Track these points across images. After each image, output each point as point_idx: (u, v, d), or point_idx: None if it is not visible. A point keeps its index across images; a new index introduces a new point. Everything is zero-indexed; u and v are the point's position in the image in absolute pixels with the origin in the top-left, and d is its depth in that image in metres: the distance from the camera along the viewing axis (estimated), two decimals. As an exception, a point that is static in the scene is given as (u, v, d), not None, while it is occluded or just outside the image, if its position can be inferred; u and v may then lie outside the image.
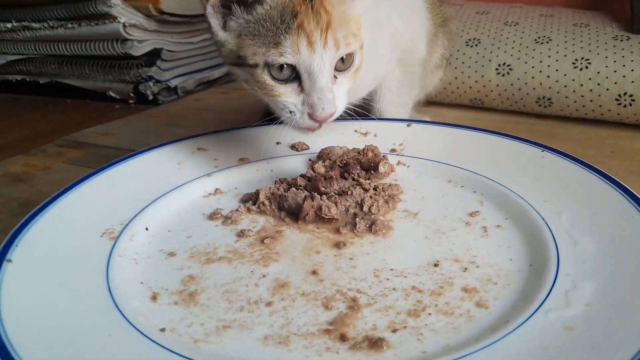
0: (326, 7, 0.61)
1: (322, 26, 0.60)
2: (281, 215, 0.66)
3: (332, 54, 0.62)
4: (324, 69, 0.62)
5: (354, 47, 0.64)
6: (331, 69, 0.63)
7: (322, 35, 0.61)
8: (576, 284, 0.49)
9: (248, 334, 0.47)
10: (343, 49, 0.62)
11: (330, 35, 0.61)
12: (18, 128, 1.24)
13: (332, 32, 0.61)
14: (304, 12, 0.60)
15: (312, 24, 0.60)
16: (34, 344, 0.43)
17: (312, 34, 0.60)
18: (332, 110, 0.64)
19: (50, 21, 1.32)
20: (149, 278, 0.55)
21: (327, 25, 0.61)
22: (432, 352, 0.44)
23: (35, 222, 0.59)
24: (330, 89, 0.63)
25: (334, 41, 0.61)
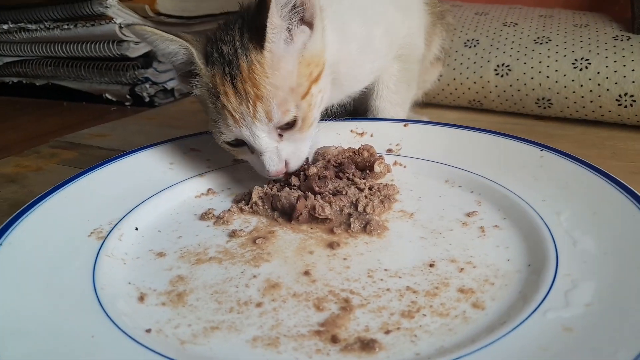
0: (255, 80, 0.60)
1: (250, 101, 0.60)
2: (274, 215, 0.65)
3: (265, 126, 0.61)
4: (259, 139, 0.62)
5: (292, 112, 0.62)
6: (270, 134, 0.62)
7: (250, 110, 0.60)
8: (576, 284, 0.47)
9: (237, 335, 0.46)
10: (278, 118, 0.61)
11: (260, 109, 0.60)
12: (14, 130, 1.23)
13: (263, 105, 0.60)
14: (224, 93, 0.61)
15: (233, 102, 0.60)
16: (15, 343, 0.42)
17: (236, 112, 0.61)
18: (279, 168, 0.64)
19: (46, 22, 1.31)
20: (137, 278, 0.54)
21: (255, 100, 0.60)
22: (426, 354, 0.42)
23: (22, 221, 0.58)
24: (274, 149, 0.63)
25: (265, 113, 0.60)
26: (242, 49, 0.61)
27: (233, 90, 0.60)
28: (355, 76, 0.77)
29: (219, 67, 0.61)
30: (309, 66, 0.63)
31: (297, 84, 0.62)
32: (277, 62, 0.60)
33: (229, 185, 0.72)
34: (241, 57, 0.60)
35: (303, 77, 0.63)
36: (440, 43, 0.96)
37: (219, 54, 0.62)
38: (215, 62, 0.62)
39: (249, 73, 0.60)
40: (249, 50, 0.60)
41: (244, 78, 0.60)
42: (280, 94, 0.60)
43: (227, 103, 0.61)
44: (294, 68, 0.62)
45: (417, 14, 0.85)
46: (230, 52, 0.61)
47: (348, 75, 0.74)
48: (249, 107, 0.60)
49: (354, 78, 0.77)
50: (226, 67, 0.61)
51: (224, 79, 0.61)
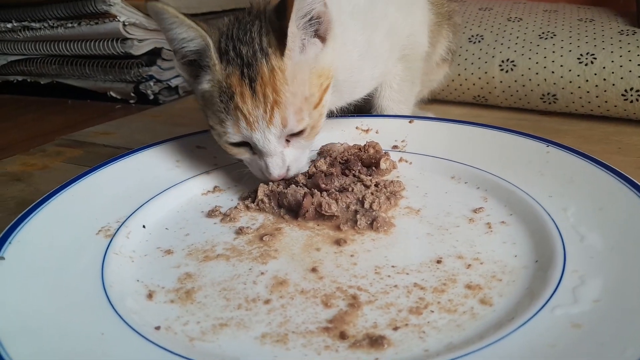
0: (275, 85, 0.60)
1: (268, 106, 0.60)
2: (281, 212, 0.65)
3: (278, 131, 0.61)
4: (269, 143, 0.62)
5: (306, 121, 0.62)
6: (280, 139, 0.62)
7: (267, 114, 0.60)
8: (584, 280, 0.47)
9: (245, 332, 0.46)
10: (293, 125, 0.61)
11: (277, 114, 0.60)
12: (19, 129, 1.23)
13: (279, 111, 0.60)
14: (240, 94, 0.60)
15: (249, 104, 0.60)
16: (25, 341, 0.42)
17: (250, 115, 0.60)
18: (281, 173, 0.65)
19: (50, 21, 1.31)
20: (145, 276, 0.54)
21: (273, 105, 0.60)
22: (435, 350, 0.43)
23: (31, 220, 0.58)
24: (280, 154, 0.64)
25: (282, 119, 0.60)
26: (261, 53, 0.60)
27: (250, 93, 0.60)
28: (354, 83, 0.76)
29: (236, 67, 0.61)
30: (320, 77, 0.64)
31: (310, 94, 0.62)
32: (295, 71, 0.61)
33: (236, 183, 0.72)
34: (261, 60, 0.60)
35: (315, 87, 0.63)
36: (447, 45, 0.94)
37: (236, 54, 0.61)
38: (231, 62, 0.61)
39: (269, 78, 0.60)
40: (269, 55, 0.60)
41: (264, 82, 0.60)
42: (297, 102, 0.61)
43: (242, 105, 0.60)
44: (307, 78, 0.62)
45: (420, 11, 0.84)
46: (250, 54, 0.60)
47: (346, 82, 0.74)
48: (266, 112, 0.60)
49: (353, 85, 0.76)
50: (245, 68, 0.60)
51: (242, 80, 0.60)
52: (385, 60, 0.80)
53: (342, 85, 0.73)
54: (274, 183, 0.68)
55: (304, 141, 0.65)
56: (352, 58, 0.72)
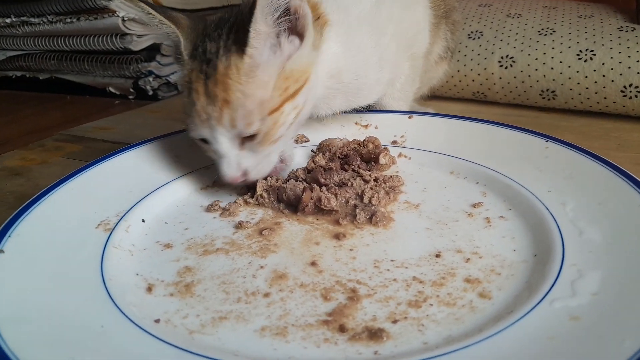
0: (227, 84, 0.58)
1: (218, 104, 0.58)
2: (280, 207, 0.65)
3: (228, 131, 0.60)
4: (219, 143, 0.61)
5: (256, 126, 0.59)
6: (232, 140, 0.61)
7: (216, 113, 0.59)
8: (582, 273, 0.47)
9: (245, 325, 0.46)
10: (242, 128, 0.59)
11: (226, 114, 0.58)
12: (17, 124, 1.23)
13: (229, 111, 0.58)
14: (196, 90, 0.60)
15: (202, 101, 0.59)
16: (24, 334, 0.42)
17: (203, 112, 0.59)
18: (234, 175, 0.62)
19: (49, 16, 1.31)
20: (144, 269, 0.54)
21: (223, 104, 0.58)
22: (434, 343, 0.43)
23: (30, 213, 0.58)
24: (234, 156, 0.62)
25: (230, 120, 0.59)
26: (224, 49, 0.59)
27: (204, 90, 0.59)
28: (360, 87, 0.74)
29: (198, 63, 0.60)
30: (287, 80, 0.61)
31: (270, 97, 0.60)
32: (254, 70, 0.59)
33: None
34: (221, 57, 0.59)
35: (277, 90, 0.60)
36: (444, 45, 0.94)
37: (202, 50, 0.61)
38: (196, 57, 0.61)
39: (223, 75, 0.58)
40: (230, 52, 0.59)
41: (217, 79, 0.58)
42: (249, 104, 0.58)
43: (197, 101, 0.60)
44: (271, 79, 0.60)
45: (422, 9, 0.84)
46: (212, 50, 0.60)
47: (351, 85, 0.72)
48: (214, 111, 0.59)
49: (358, 88, 0.74)
50: (204, 64, 0.60)
51: (199, 76, 0.60)
52: (394, 62, 0.79)
53: (346, 88, 0.72)
54: (272, 178, 0.67)
55: (258, 147, 0.62)
56: (356, 61, 0.71)
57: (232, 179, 0.63)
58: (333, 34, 0.68)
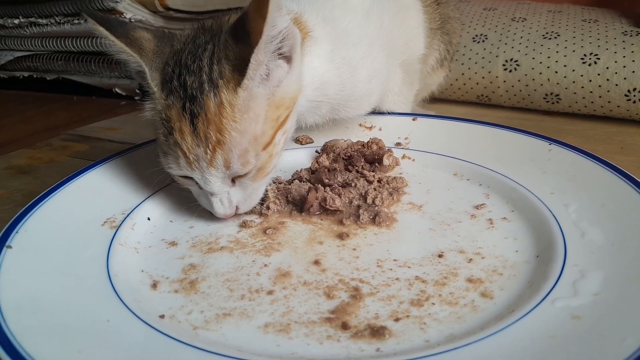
0: (220, 124, 0.53)
1: (210, 146, 0.53)
2: (289, 209, 0.64)
3: (221, 173, 0.55)
4: (211, 184, 0.56)
5: (252, 164, 0.55)
6: (223, 180, 0.56)
7: (207, 155, 0.54)
8: (584, 274, 0.48)
9: (248, 321, 0.47)
10: (237, 168, 0.55)
11: (219, 156, 0.53)
12: (24, 124, 1.24)
13: (223, 153, 0.53)
14: (179, 130, 0.54)
15: (189, 142, 0.53)
16: (32, 329, 0.43)
17: (190, 153, 0.54)
18: (227, 212, 0.59)
19: (56, 17, 1.32)
20: (149, 266, 0.55)
21: (215, 146, 0.53)
22: (436, 341, 0.43)
23: (37, 211, 0.59)
24: (225, 194, 0.58)
25: (224, 162, 0.54)
26: (209, 85, 0.53)
27: (191, 130, 0.53)
28: (347, 99, 0.71)
29: (178, 99, 0.54)
30: (278, 109, 0.57)
31: (262, 132, 0.55)
32: (248, 105, 0.54)
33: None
34: (207, 94, 0.53)
35: (270, 122, 0.56)
36: (437, 57, 0.93)
37: (180, 83, 0.54)
38: (173, 92, 0.54)
39: (215, 115, 0.53)
40: (218, 88, 0.53)
41: (208, 120, 0.53)
42: (244, 142, 0.54)
43: (181, 142, 0.54)
44: (262, 112, 0.55)
45: (415, 15, 0.83)
46: (195, 85, 0.53)
47: (337, 97, 0.69)
48: (206, 152, 0.53)
49: (346, 100, 0.71)
50: (187, 102, 0.53)
51: (183, 115, 0.53)
52: (385, 72, 0.76)
53: (331, 100, 0.69)
54: (277, 184, 0.67)
55: (249, 182, 0.58)
56: (342, 74, 0.68)
57: (226, 215, 0.59)
58: (315, 48, 0.64)
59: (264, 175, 0.59)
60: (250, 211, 0.64)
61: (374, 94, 0.77)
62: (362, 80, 0.72)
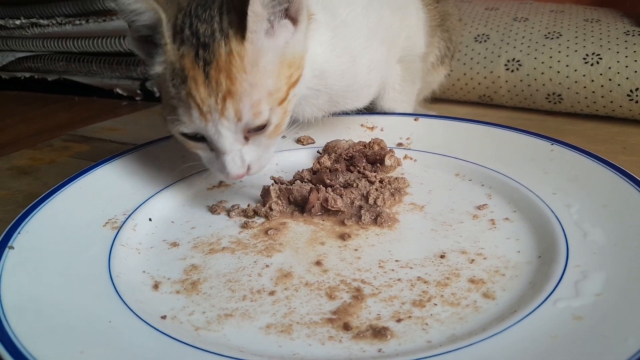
0: (230, 72, 0.53)
1: (219, 95, 0.53)
2: (290, 209, 0.64)
3: (233, 125, 0.54)
4: (223, 139, 0.55)
5: (265, 115, 0.55)
6: (236, 134, 0.56)
7: (218, 105, 0.53)
8: (586, 274, 0.47)
9: (250, 322, 0.47)
10: (248, 119, 0.54)
11: (230, 106, 0.53)
12: (26, 124, 1.24)
13: (233, 102, 0.53)
14: (193, 78, 0.53)
15: (203, 92, 0.53)
16: (34, 329, 0.43)
17: (204, 104, 0.53)
18: (240, 173, 0.58)
19: (58, 18, 1.32)
20: (151, 267, 0.55)
21: (225, 95, 0.53)
22: (437, 342, 0.43)
23: (39, 211, 0.59)
24: (237, 152, 0.57)
25: (235, 112, 0.53)
26: (220, 33, 0.53)
27: (204, 79, 0.53)
28: (346, 89, 0.71)
29: (191, 47, 0.53)
30: (290, 68, 0.57)
31: (277, 88, 0.56)
32: (257, 58, 0.54)
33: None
34: (219, 42, 0.53)
35: (283, 79, 0.57)
36: (437, 54, 0.93)
37: (192, 32, 0.54)
38: (186, 41, 0.54)
39: (225, 63, 0.53)
40: (229, 37, 0.53)
41: (220, 67, 0.53)
42: (256, 94, 0.54)
43: (194, 92, 0.53)
44: (274, 68, 0.56)
45: (415, 12, 0.83)
46: (207, 33, 0.53)
47: (335, 86, 0.69)
48: (217, 102, 0.53)
49: (345, 91, 0.71)
50: (200, 49, 0.53)
51: (196, 62, 0.53)
52: (384, 65, 0.77)
53: (330, 89, 0.69)
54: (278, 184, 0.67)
55: (265, 139, 0.58)
56: (342, 63, 0.68)
57: (238, 175, 0.58)
58: (317, 34, 0.65)
59: (279, 132, 0.59)
60: (252, 212, 0.64)
61: (373, 86, 0.77)
62: (362, 70, 0.72)
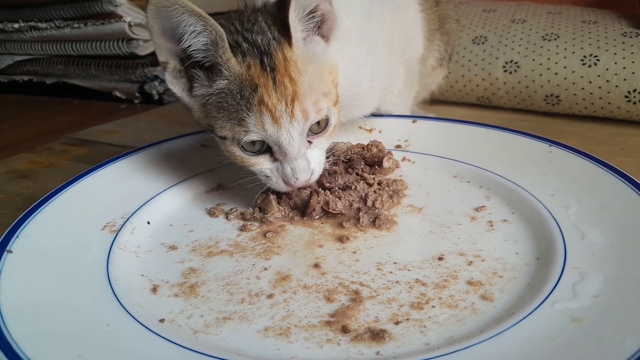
0: (291, 75, 0.56)
1: (287, 98, 0.56)
2: (290, 214, 0.64)
3: (301, 125, 0.57)
4: (294, 142, 0.57)
5: (325, 111, 0.59)
6: (302, 137, 0.58)
7: (288, 108, 0.56)
8: (584, 276, 0.48)
9: (248, 325, 0.47)
10: (313, 117, 0.58)
11: (297, 107, 0.56)
12: (25, 127, 1.24)
13: (299, 103, 0.56)
14: (264, 86, 0.55)
15: (274, 97, 0.55)
16: (32, 333, 0.43)
17: (276, 109, 0.56)
18: (307, 178, 0.60)
19: (56, 21, 1.32)
20: (149, 270, 0.55)
21: (293, 97, 0.56)
22: (435, 344, 0.43)
23: (38, 215, 0.59)
24: (304, 156, 0.59)
25: (302, 112, 0.57)
26: (275, 42, 0.57)
27: (272, 84, 0.55)
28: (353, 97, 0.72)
29: (255, 57, 0.56)
30: (332, 74, 0.61)
31: (329, 91, 0.60)
32: (306, 62, 0.58)
33: (239, 181, 0.73)
34: (276, 49, 0.56)
35: (329, 82, 0.60)
36: (437, 56, 0.93)
37: (250, 44, 0.57)
38: (248, 52, 0.56)
39: (285, 68, 0.56)
40: (282, 45, 0.57)
41: (282, 72, 0.56)
42: (314, 94, 0.57)
43: (267, 98, 0.55)
44: (321, 72, 0.59)
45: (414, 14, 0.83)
46: (265, 42, 0.56)
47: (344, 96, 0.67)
48: (287, 105, 0.56)
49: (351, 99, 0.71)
50: (264, 58, 0.56)
51: (264, 71, 0.56)
52: (387, 70, 0.78)
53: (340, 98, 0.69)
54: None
55: (325, 141, 0.62)
56: (349, 73, 0.69)
57: (306, 181, 0.60)
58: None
59: (334, 132, 0.63)
60: (251, 217, 0.64)
61: (376, 92, 0.78)
62: (366, 78, 0.73)
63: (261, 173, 0.62)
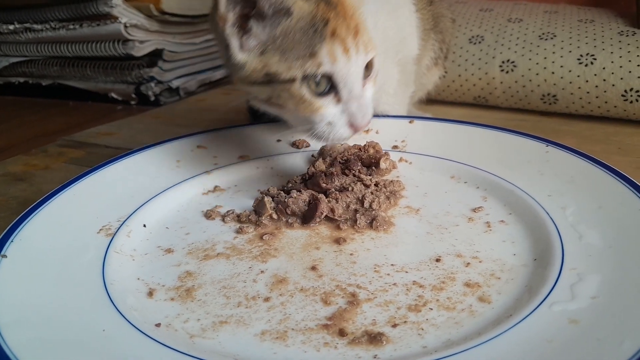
0: (352, 13, 0.60)
1: (353, 31, 0.59)
2: (289, 220, 0.63)
3: (363, 58, 0.60)
4: (359, 76, 0.60)
5: (374, 50, 0.62)
6: (361, 74, 0.61)
7: (354, 40, 0.59)
8: (582, 277, 0.47)
9: (245, 329, 0.46)
10: (371, 52, 0.61)
11: (360, 40, 0.59)
12: (20, 129, 1.23)
13: (360, 37, 0.59)
14: (334, 18, 0.58)
15: (344, 29, 0.58)
16: (27, 339, 0.42)
17: (346, 40, 0.58)
18: (369, 118, 0.62)
19: (52, 22, 1.32)
20: (145, 274, 0.55)
21: (356, 31, 0.59)
22: (433, 347, 0.43)
23: (32, 219, 0.59)
24: (365, 96, 0.62)
25: (364, 45, 0.60)
26: None
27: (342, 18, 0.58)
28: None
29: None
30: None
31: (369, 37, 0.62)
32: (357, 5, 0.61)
33: (236, 182, 0.73)
34: None
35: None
36: (432, 56, 0.94)
37: None
38: None
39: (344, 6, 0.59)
40: None
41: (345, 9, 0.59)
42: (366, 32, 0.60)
43: (339, 30, 0.58)
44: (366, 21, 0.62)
45: (408, 14, 0.84)
46: None
47: None
48: (353, 38, 0.59)
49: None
50: None
51: (328, 8, 0.58)
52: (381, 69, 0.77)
53: None
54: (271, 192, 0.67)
55: (371, 87, 0.63)
56: None
57: (367, 122, 0.62)
58: None
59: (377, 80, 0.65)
60: (246, 220, 0.64)
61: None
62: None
63: (323, 121, 0.61)
